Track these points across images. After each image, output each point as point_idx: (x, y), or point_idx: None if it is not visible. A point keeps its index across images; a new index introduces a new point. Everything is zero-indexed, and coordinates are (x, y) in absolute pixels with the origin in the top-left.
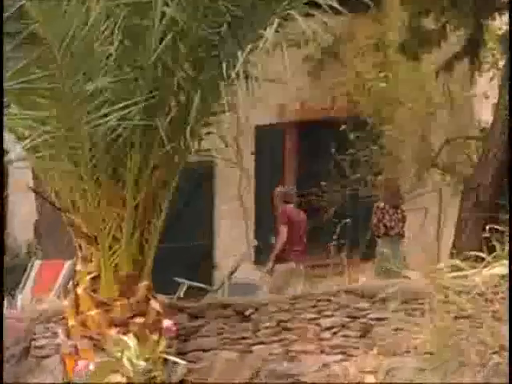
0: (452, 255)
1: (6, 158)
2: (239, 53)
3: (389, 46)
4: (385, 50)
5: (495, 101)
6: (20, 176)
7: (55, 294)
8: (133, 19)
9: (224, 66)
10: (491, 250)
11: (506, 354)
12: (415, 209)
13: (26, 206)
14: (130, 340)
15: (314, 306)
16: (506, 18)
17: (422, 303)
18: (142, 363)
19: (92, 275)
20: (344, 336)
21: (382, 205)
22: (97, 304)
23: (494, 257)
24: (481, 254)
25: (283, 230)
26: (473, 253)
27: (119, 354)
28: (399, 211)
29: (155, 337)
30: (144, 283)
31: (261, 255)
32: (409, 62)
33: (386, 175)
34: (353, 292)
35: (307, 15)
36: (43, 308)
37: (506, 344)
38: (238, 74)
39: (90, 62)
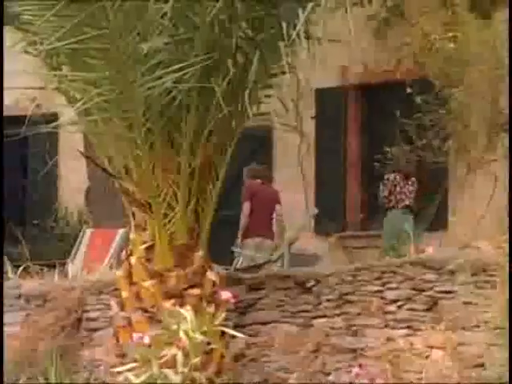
0: None
1: (56, 122)
2: (300, 11)
3: (458, 4)
4: (453, 8)
5: None
6: (71, 141)
7: (107, 264)
8: None
9: (284, 25)
10: None
11: None
12: (485, 176)
13: (77, 172)
14: (187, 312)
15: (379, 278)
16: None
17: (493, 275)
18: (200, 336)
19: (146, 244)
20: (410, 309)
21: (392, 176)
22: (151, 274)
23: None
24: None
25: (245, 206)
26: None
27: (175, 327)
28: (410, 182)
29: (212, 309)
30: (200, 253)
31: (321, 224)
32: (479, 21)
33: (455, 140)
34: (419, 263)
35: None
36: (95, 278)
37: None
38: (298, 34)
39: (143, 21)
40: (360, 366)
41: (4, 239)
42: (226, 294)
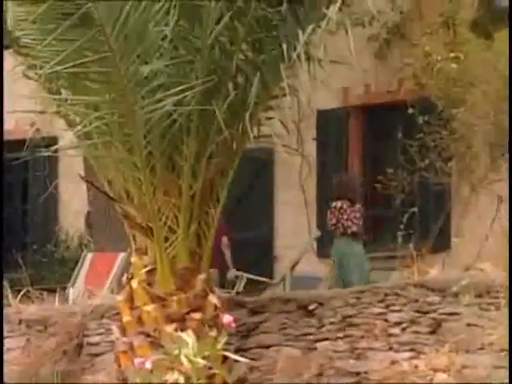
0: None
1: (56, 146)
2: (300, 33)
3: (460, 24)
4: (455, 29)
5: None
6: (71, 165)
7: (108, 288)
8: None
9: (284, 46)
10: None
11: None
12: (488, 197)
13: (78, 196)
14: (188, 336)
15: (382, 301)
16: None
17: (497, 297)
18: (201, 361)
19: (147, 268)
20: (413, 332)
21: (339, 204)
22: (153, 298)
23: None
24: None
25: None
26: None
27: (177, 351)
28: (356, 209)
29: (213, 333)
30: (202, 276)
31: (324, 247)
32: (481, 41)
33: (457, 161)
34: (422, 285)
35: None
36: (96, 303)
37: None
38: (299, 56)
39: (144, 43)
40: None
41: (3, 263)
42: (227, 318)
